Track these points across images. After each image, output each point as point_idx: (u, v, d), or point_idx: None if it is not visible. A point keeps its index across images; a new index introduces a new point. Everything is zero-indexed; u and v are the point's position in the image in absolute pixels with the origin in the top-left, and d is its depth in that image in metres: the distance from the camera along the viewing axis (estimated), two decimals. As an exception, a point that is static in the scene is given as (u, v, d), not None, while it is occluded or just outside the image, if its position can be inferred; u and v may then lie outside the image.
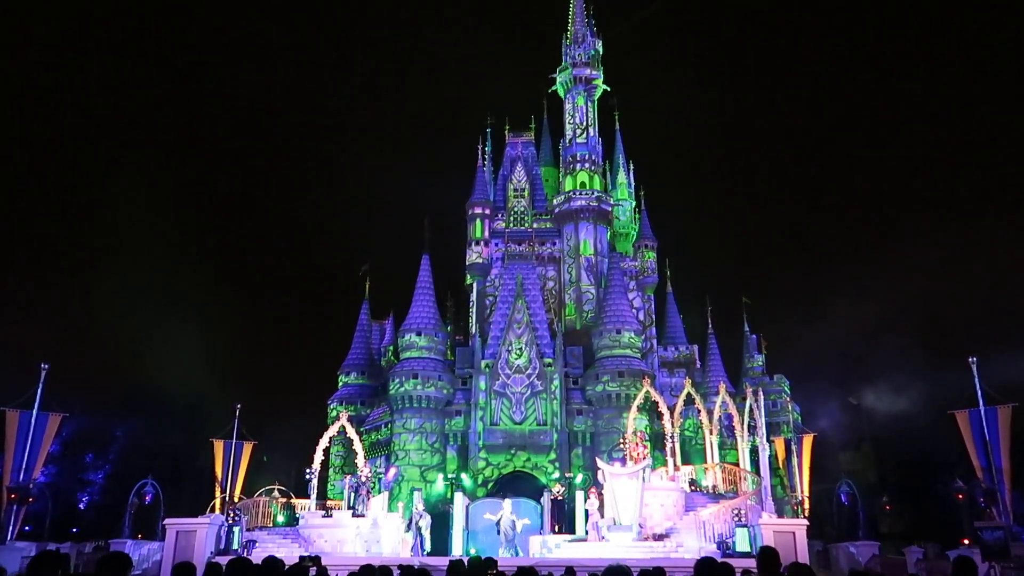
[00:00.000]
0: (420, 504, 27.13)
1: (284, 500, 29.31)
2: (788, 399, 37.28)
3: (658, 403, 31.03)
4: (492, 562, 8.79)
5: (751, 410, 27.53)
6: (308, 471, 28.24)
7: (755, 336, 38.90)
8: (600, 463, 27.53)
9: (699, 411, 32.45)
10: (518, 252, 39.32)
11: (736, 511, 23.08)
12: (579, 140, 42.73)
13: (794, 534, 21.41)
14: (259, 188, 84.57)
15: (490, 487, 32.89)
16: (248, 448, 31.97)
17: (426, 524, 26.10)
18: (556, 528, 26.74)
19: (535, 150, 45.06)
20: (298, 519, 27.24)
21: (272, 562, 7.62)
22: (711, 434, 31.79)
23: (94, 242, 61.37)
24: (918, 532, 32.22)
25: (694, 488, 29.82)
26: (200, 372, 42.37)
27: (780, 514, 25.98)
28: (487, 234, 41.55)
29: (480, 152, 43.97)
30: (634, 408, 31.72)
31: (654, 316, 41.98)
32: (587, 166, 41.86)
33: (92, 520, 39.68)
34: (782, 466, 32.93)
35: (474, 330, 38.45)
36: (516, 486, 31.62)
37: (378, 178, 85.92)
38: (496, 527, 26.07)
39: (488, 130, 46.01)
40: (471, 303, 42.64)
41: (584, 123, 42.99)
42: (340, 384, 40.82)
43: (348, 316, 43.12)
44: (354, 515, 25.74)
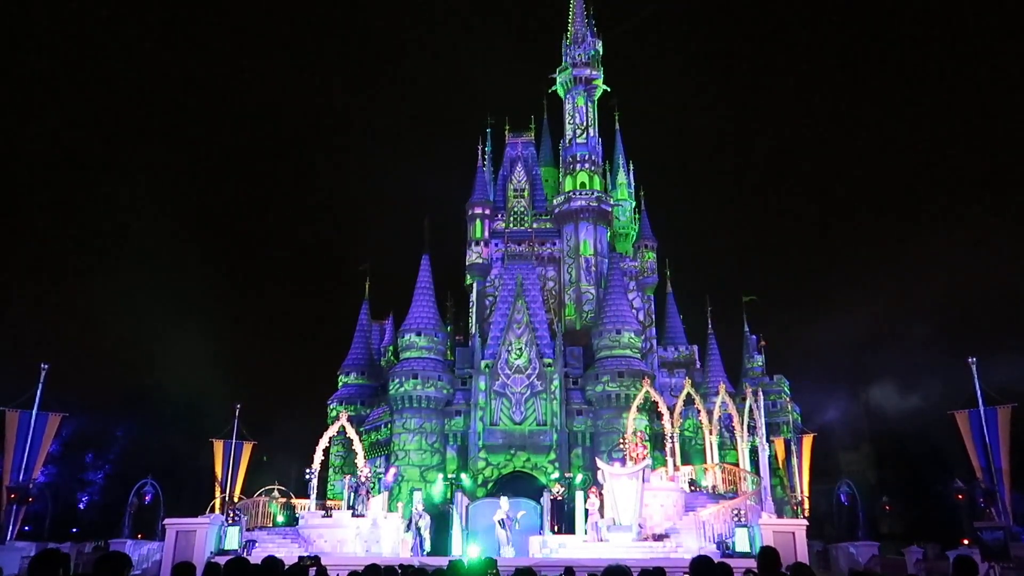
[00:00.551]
0: (420, 504, 27.12)
1: (284, 500, 29.35)
2: (788, 399, 37.28)
3: (658, 403, 31.05)
4: (492, 562, 8.79)
5: (751, 410, 27.53)
6: (308, 471, 28.24)
7: (755, 336, 38.92)
8: (600, 463, 27.52)
9: (699, 411, 32.48)
10: (518, 252, 39.29)
11: (736, 511, 23.07)
12: (579, 140, 42.73)
13: (794, 534, 21.41)
14: (259, 188, 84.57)
15: (490, 487, 32.88)
16: (248, 448, 32.06)
17: (426, 524, 26.11)
18: (556, 528, 26.73)
19: (535, 150, 45.07)
20: (298, 519, 27.25)
21: (272, 562, 7.62)
22: (711, 434, 31.82)
23: (94, 242, 61.34)
24: (918, 532, 32.21)
25: (694, 488, 29.86)
26: (200, 372, 42.39)
27: (780, 514, 25.95)
28: (487, 234, 41.58)
29: (480, 152, 44.02)
30: (634, 408, 31.73)
31: (654, 316, 41.99)
32: (587, 166, 41.85)
33: (92, 520, 39.69)
34: (782, 466, 32.95)
35: (474, 330, 38.44)
36: (516, 486, 31.61)
37: (378, 178, 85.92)
38: (497, 526, 26.05)
39: (488, 130, 46.08)
40: (471, 303, 42.66)
41: (584, 123, 42.99)
42: (340, 384, 40.83)
43: (348, 316, 43.21)
44: (354, 515, 25.75)
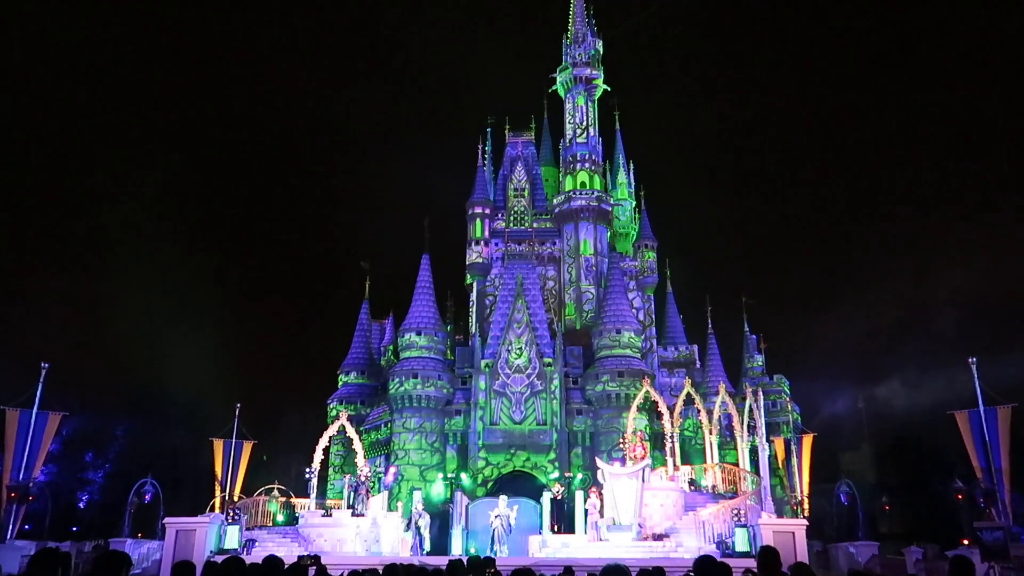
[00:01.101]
0: (419, 503, 27.12)
1: (284, 499, 29.33)
2: (788, 399, 37.30)
3: (658, 403, 31.04)
4: (491, 562, 8.80)
5: (751, 410, 27.51)
6: (308, 470, 28.24)
7: (755, 336, 38.93)
8: (600, 463, 27.51)
9: (699, 411, 32.46)
10: (518, 252, 39.29)
11: (736, 511, 23.05)
12: (579, 140, 42.70)
13: (794, 534, 21.38)
14: (259, 188, 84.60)
15: (490, 487, 32.87)
16: (248, 447, 32.08)
17: (425, 523, 26.10)
18: (555, 528, 26.72)
19: (535, 150, 45.05)
20: (298, 518, 27.25)
21: (272, 561, 7.63)
22: (711, 434, 31.80)
23: (95, 242, 61.41)
24: (918, 532, 32.26)
25: (694, 488, 29.82)
26: (200, 372, 42.42)
27: (780, 514, 25.94)
28: (487, 234, 41.57)
29: (480, 152, 43.98)
30: (634, 408, 31.73)
31: (654, 316, 41.98)
32: (587, 166, 41.84)
33: (92, 519, 39.76)
34: (782, 466, 32.95)
35: (474, 330, 38.42)
36: (516, 486, 31.59)
37: (378, 178, 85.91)
38: (494, 525, 26.04)
39: (488, 130, 46.06)
40: (471, 303, 42.64)
41: (584, 123, 42.97)
42: (340, 383, 40.82)
43: (348, 316, 43.20)
44: (354, 514, 25.74)
